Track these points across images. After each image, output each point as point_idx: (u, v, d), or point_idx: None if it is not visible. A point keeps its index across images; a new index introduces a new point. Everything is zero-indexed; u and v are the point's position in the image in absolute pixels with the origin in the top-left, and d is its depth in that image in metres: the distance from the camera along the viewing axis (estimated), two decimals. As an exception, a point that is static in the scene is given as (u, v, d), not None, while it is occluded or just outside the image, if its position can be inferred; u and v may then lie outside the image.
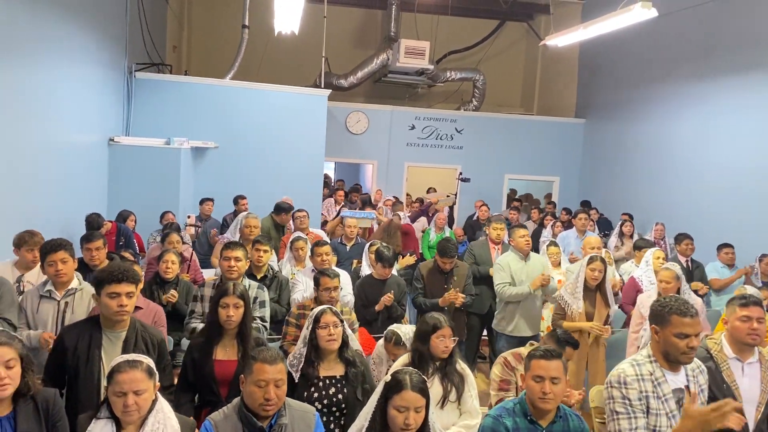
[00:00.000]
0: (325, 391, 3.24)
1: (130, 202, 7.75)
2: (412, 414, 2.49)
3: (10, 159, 5.22)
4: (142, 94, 9.34)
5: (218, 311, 3.40)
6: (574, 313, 4.87)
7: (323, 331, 3.28)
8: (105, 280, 3.02)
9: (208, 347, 3.40)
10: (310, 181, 10.14)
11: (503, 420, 2.76)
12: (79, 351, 3.03)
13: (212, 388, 3.34)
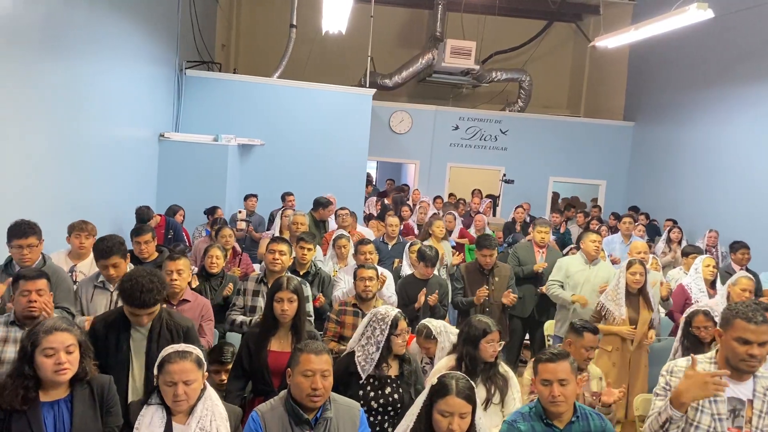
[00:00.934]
0: (381, 390, 3.26)
1: (179, 197, 7.93)
2: (456, 420, 2.47)
3: (67, 152, 5.40)
4: (192, 91, 9.56)
5: (273, 305, 3.46)
6: (617, 320, 4.78)
7: (399, 338, 3.32)
8: (126, 301, 3.06)
9: (264, 338, 3.46)
10: (353, 180, 10.21)
11: (518, 425, 2.74)
12: (108, 340, 3.11)
13: (265, 378, 3.41)
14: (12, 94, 4.36)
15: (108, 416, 2.62)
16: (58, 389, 2.53)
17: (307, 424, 2.61)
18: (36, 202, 4.71)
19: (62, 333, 2.48)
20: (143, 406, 2.55)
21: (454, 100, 14.32)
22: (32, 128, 4.70)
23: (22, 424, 2.42)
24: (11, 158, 4.39)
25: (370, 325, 3.36)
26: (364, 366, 3.26)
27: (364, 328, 3.38)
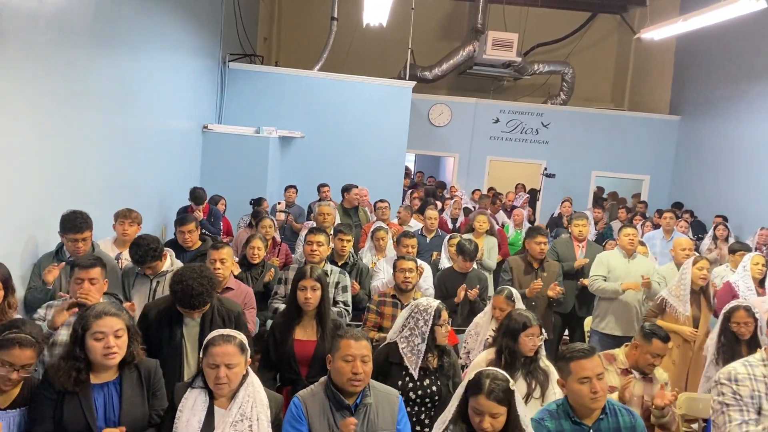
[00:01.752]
0: (419, 382, 3.28)
1: (221, 187, 8.06)
2: (487, 419, 2.45)
3: (115, 142, 5.55)
4: (235, 83, 9.70)
5: (297, 294, 3.51)
6: (681, 316, 4.68)
7: (442, 329, 3.33)
8: (178, 301, 3.15)
9: (289, 327, 3.52)
10: (391, 172, 10.23)
11: (545, 423, 2.71)
12: (162, 328, 3.21)
13: (292, 366, 3.46)
14: (63, 87, 4.49)
15: (154, 399, 2.69)
16: (108, 372, 2.61)
17: (347, 410, 2.64)
18: (85, 190, 4.85)
19: (111, 318, 2.56)
20: (187, 389, 2.61)
21: (494, 93, 14.18)
22: (83, 119, 4.83)
23: (74, 405, 2.50)
24: (63, 148, 4.53)
25: (412, 316, 3.37)
26: (411, 358, 3.28)
27: (405, 320, 3.39)
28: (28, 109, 4.03)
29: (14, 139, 3.88)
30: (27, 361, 2.51)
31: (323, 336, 3.49)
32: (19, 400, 2.58)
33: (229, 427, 2.54)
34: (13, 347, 2.48)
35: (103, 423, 2.51)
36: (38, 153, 4.20)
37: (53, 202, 4.27)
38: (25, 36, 3.91)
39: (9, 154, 3.83)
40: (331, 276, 4.45)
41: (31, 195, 4.14)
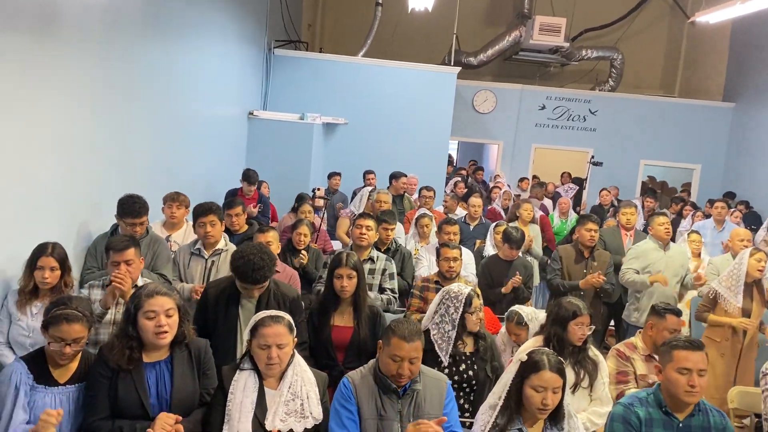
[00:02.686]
0: (455, 367, 3.27)
1: (265, 172, 8.11)
2: (549, 394, 2.49)
3: (164, 128, 5.66)
4: (280, 70, 9.76)
5: (333, 281, 3.52)
6: (732, 308, 4.54)
7: (473, 316, 3.32)
8: (239, 277, 3.20)
9: (326, 314, 3.53)
10: (435, 159, 10.16)
11: (635, 409, 2.69)
12: (219, 306, 3.27)
13: (329, 352, 3.47)
14: (116, 73, 4.59)
15: (205, 378, 2.73)
16: (159, 351, 2.67)
17: (395, 394, 2.64)
18: (135, 173, 4.96)
19: (162, 297, 2.61)
20: (236, 372, 2.65)
21: (540, 79, 13.92)
22: (134, 105, 4.94)
23: (128, 383, 2.56)
24: (115, 133, 4.64)
25: (443, 303, 3.36)
26: (441, 345, 3.27)
27: (437, 307, 3.39)
28: (84, 95, 4.13)
29: (71, 124, 3.99)
30: (77, 335, 2.58)
31: (360, 323, 3.49)
32: (76, 375, 2.66)
33: (282, 406, 2.58)
34: (61, 323, 2.55)
35: (155, 401, 2.57)
36: (93, 138, 4.31)
37: (106, 185, 4.39)
38: (80, 24, 4.00)
39: (66, 139, 3.95)
40: (378, 263, 4.47)
41: (87, 178, 4.25)
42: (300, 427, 2.58)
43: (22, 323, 3.29)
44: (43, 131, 3.69)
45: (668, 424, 2.68)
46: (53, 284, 3.30)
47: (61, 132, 3.88)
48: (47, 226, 3.73)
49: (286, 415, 2.57)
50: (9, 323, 3.33)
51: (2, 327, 3.34)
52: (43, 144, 3.70)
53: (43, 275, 3.25)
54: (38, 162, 3.67)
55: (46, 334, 2.60)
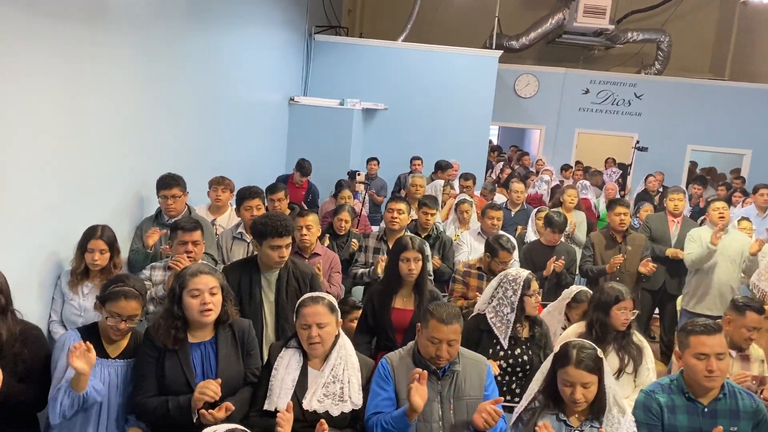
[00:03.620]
0: (510, 351, 3.26)
1: (306, 158, 8.18)
2: (578, 389, 2.43)
3: (207, 114, 5.74)
4: (320, 55, 9.78)
5: (399, 265, 3.51)
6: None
7: (532, 299, 3.30)
8: (268, 233, 3.24)
9: (388, 296, 3.54)
10: (475, 145, 10.06)
11: (656, 396, 2.66)
12: (242, 289, 3.30)
13: (389, 334, 3.49)
14: (160, 61, 4.68)
15: (248, 358, 2.78)
16: (204, 331, 2.71)
17: (434, 374, 2.64)
18: (180, 158, 5.05)
19: (206, 276, 2.65)
20: (282, 349, 2.69)
21: (584, 63, 13.63)
22: (177, 91, 5.02)
23: (174, 362, 2.62)
24: (161, 118, 4.73)
25: (501, 286, 3.34)
26: (500, 328, 3.26)
27: (494, 290, 3.37)
28: (131, 81, 4.22)
29: (118, 110, 4.08)
30: (132, 311, 2.67)
31: (420, 305, 3.49)
32: (126, 352, 2.75)
33: (321, 387, 2.60)
34: (119, 299, 2.64)
35: (201, 380, 2.60)
36: (140, 123, 4.41)
37: (152, 169, 4.48)
38: (128, 12, 4.09)
39: (114, 125, 4.04)
40: None
41: (134, 162, 4.36)
42: (336, 410, 2.60)
43: (74, 303, 3.40)
44: (91, 117, 3.78)
45: (692, 410, 2.63)
46: (103, 266, 3.40)
47: (108, 118, 3.97)
48: (97, 209, 3.85)
49: (324, 396, 2.60)
50: (62, 303, 3.45)
51: (56, 306, 3.47)
52: (91, 129, 3.80)
53: (93, 257, 3.36)
54: (88, 147, 3.77)
55: (102, 310, 2.69)
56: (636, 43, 12.67)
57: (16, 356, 2.58)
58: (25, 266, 3.21)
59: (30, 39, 3.15)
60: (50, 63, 3.34)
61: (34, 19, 3.17)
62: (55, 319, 3.45)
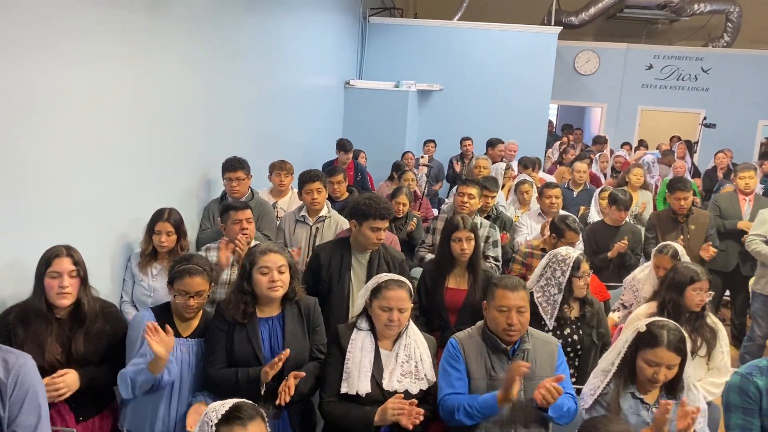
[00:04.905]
0: (560, 331, 3.20)
1: (361, 141, 8.19)
2: (663, 370, 2.40)
3: (265, 98, 5.82)
4: (375, 38, 9.75)
5: (450, 245, 3.51)
6: None
7: (581, 281, 3.23)
8: (371, 215, 3.28)
9: (441, 277, 3.54)
10: (534, 124, 9.84)
11: (754, 379, 2.52)
12: (332, 269, 3.38)
13: (442, 314, 3.49)
14: (221, 48, 4.76)
15: (314, 334, 2.83)
16: (272, 306, 2.78)
17: (504, 354, 2.62)
18: (240, 143, 5.14)
19: (275, 254, 2.72)
20: (353, 331, 2.72)
21: (647, 37, 13.12)
22: (236, 78, 5.10)
23: (243, 336, 2.70)
24: (221, 104, 4.82)
25: (550, 266, 3.28)
26: (546, 308, 3.21)
27: (543, 269, 3.31)
28: (191, 68, 4.31)
29: (182, 97, 4.19)
30: (198, 288, 2.74)
31: (474, 285, 3.49)
32: (197, 331, 2.83)
33: (398, 367, 2.63)
34: (184, 277, 2.72)
35: (269, 354, 2.68)
36: (203, 109, 4.51)
37: (216, 153, 4.58)
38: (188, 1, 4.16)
39: (179, 110, 4.15)
40: (481, 230, 4.42)
41: (198, 146, 4.48)
42: (415, 388, 2.63)
43: (144, 284, 3.51)
44: (158, 104, 3.89)
45: None
46: (170, 247, 3.50)
47: (174, 104, 4.08)
48: (165, 192, 3.98)
49: (402, 375, 2.63)
50: (132, 283, 3.57)
51: (127, 287, 3.59)
52: (159, 116, 3.92)
53: (160, 239, 3.45)
54: (155, 133, 3.89)
55: (171, 290, 2.78)
56: (702, 15, 12.11)
57: (99, 333, 2.70)
58: (97, 248, 3.34)
59: (101, 29, 3.26)
60: (119, 52, 3.45)
61: (105, 10, 3.28)
62: (126, 299, 3.58)
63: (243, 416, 1.77)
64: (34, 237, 2.81)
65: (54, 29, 2.91)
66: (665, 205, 7.33)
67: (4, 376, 1.90)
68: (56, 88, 2.96)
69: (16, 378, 1.91)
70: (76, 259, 2.63)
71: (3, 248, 2.72)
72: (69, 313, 2.64)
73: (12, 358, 1.94)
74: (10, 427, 1.90)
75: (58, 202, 3.04)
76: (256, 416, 1.80)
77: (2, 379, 1.89)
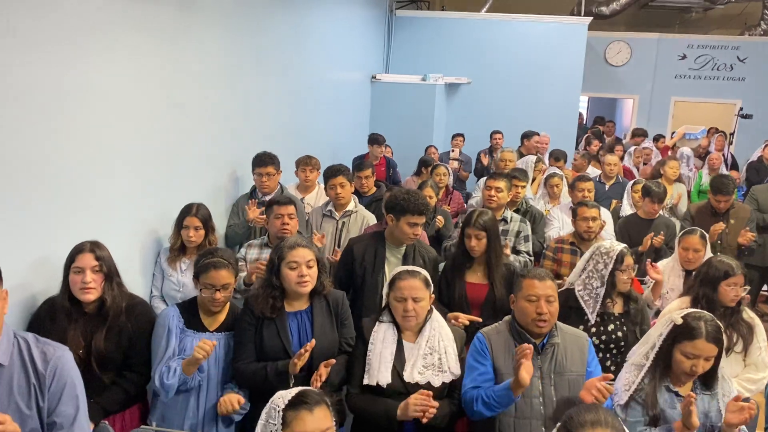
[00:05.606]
0: (603, 327, 3.14)
1: (389, 135, 8.13)
2: (701, 362, 2.35)
3: (293, 93, 5.83)
4: (401, 31, 9.68)
5: (464, 240, 3.48)
6: None
7: (624, 275, 3.16)
8: (408, 210, 3.27)
9: (459, 271, 3.51)
10: (564, 117, 9.68)
11: None
12: (366, 262, 3.39)
13: (464, 309, 3.43)
14: (249, 44, 4.78)
15: (343, 328, 2.84)
16: (300, 301, 2.79)
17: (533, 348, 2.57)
18: (267, 138, 5.15)
19: (304, 249, 2.72)
20: (376, 324, 2.71)
21: (680, 27, 12.82)
22: (263, 73, 5.12)
23: (272, 330, 2.71)
24: (249, 99, 4.84)
25: (593, 259, 3.21)
26: (588, 302, 3.14)
27: (585, 263, 3.24)
28: (219, 64, 4.34)
29: (210, 93, 4.21)
30: (224, 281, 2.74)
31: (494, 281, 3.44)
32: (224, 325, 2.84)
33: (420, 359, 2.61)
34: (209, 270, 2.72)
35: (298, 348, 2.67)
36: (230, 105, 4.54)
37: (244, 149, 4.61)
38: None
39: (207, 107, 4.18)
40: (511, 224, 4.37)
41: (226, 142, 4.51)
42: (438, 380, 2.61)
43: (173, 278, 3.54)
44: (187, 100, 3.92)
45: None
46: (198, 242, 3.52)
47: (202, 101, 4.11)
48: (194, 188, 4.01)
49: (423, 368, 2.61)
50: (162, 278, 3.60)
51: (156, 282, 3.63)
52: (188, 112, 3.95)
53: (189, 234, 3.48)
54: (184, 129, 3.92)
55: (197, 284, 2.79)
56: (738, 2, 11.78)
57: (121, 328, 2.71)
58: (128, 243, 3.38)
59: (131, 25, 3.29)
60: (149, 48, 3.48)
61: (135, 6, 3.29)
62: (156, 294, 3.61)
63: (309, 401, 1.78)
64: (66, 233, 2.85)
65: (84, 26, 2.95)
66: (700, 197, 7.19)
67: (43, 368, 1.92)
68: (87, 84, 2.99)
69: (54, 370, 1.93)
70: (99, 254, 2.66)
71: (35, 245, 2.76)
72: (95, 308, 2.67)
73: (50, 350, 1.97)
74: (50, 417, 1.93)
75: (89, 199, 3.08)
76: (321, 402, 1.81)
77: (41, 371, 1.92)
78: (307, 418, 1.75)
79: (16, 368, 1.91)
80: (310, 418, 1.76)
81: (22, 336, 1.97)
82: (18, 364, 1.91)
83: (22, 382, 1.91)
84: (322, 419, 1.78)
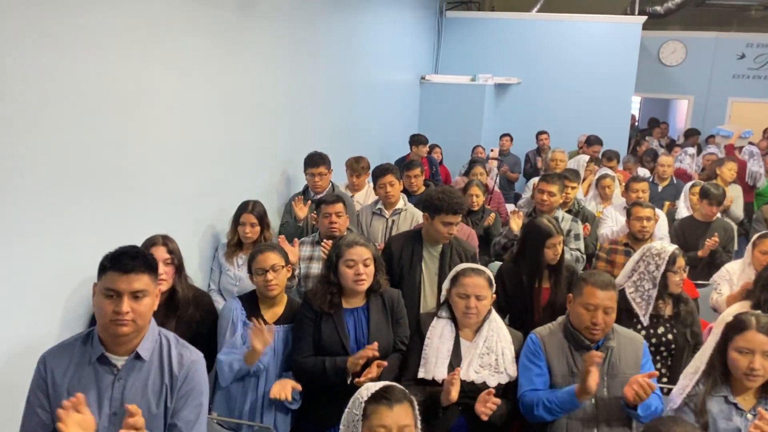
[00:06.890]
0: (653, 330, 3.10)
1: (438, 136, 8.16)
2: (758, 358, 2.23)
3: (345, 93, 5.92)
4: (451, 32, 9.69)
5: (545, 251, 3.38)
6: None
7: (676, 276, 3.12)
8: (443, 209, 3.26)
9: (531, 280, 3.44)
10: (616, 118, 9.51)
11: None
12: (403, 260, 3.39)
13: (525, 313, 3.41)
14: (303, 46, 4.89)
15: (398, 326, 2.87)
16: (357, 298, 2.84)
17: (587, 350, 2.54)
18: (322, 138, 5.25)
19: (361, 247, 2.77)
20: (434, 318, 2.73)
21: (739, 25, 12.40)
22: (317, 74, 5.22)
23: (330, 326, 2.77)
24: (303, 99, 4.95)
25: (643, 260, 3.17)
26: (640, 303, 3.10)
27: (636, 264, 3.20)
28: (275, 65, 4.45)
29: (266, 92, 4.32)
30: (272, 261, 2.82)
31: (557, 285, 3.40)
32: (282, 318, 2.91)
33: (477, 358, 2.63)
34: (256, 256, 2.83)
35: (354, 344, 2.73)
36: (285, 106, 4.65)
37: (298, 148, 4.70)
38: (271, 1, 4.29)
39: (263, 106, 4.29)
40: (563, 223, 4.33)
41: (282, 141, 4.62)
42: (494, 381, 2.62)
43: (230, 273, 3.65)
44: (244, 101, 4.05)
45: None
46: (254, 239, 3.61)
47: (259, 100, 4.22)
48: (251, 186, 4.14)
49: (480, 367, 2.62)
50: (219, 273, 3.72)
51: (214, 276, 3.75)
52: (245, 113, 4.07)
53: (245, 230, 3.58)
54: (242, 129, 4.04)
55: (252, 276, 2.88)
56: (802, -1, 11.37)
57: (190, 319, 2.82)
58: (188, 239, 3.49)
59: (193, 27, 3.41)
60: (209, 50, 3.60)
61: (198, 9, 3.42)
62: (213, 288, 3.73)
63: (390, 398, 1.81)
64: (134, 227, 2.98)
65: (151, 29, 3.07)
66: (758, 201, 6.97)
67: (177, 369, 1.99)
68: (152, 85, 3.12)
69: (186, 373, 2.00)
70: (171, 247, 2.77)
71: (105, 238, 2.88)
72: (165, 299, 2.77)
73: (187, 354, 2.03)
74: (172, 419, 1.98)
75: (154, 195, 3.21)
76: (404, 400, 1.84)
77: (175, 372, 1.98)
78: (384, 413, 1.79)
79: (154, 366, 1.98)
80: (388, 413, 1.79)
81: (165, 334, 2.05)
82: (156, 363, 1.99)
83: (157, 380, 1.97)
84: (401, 416, 1.80)
